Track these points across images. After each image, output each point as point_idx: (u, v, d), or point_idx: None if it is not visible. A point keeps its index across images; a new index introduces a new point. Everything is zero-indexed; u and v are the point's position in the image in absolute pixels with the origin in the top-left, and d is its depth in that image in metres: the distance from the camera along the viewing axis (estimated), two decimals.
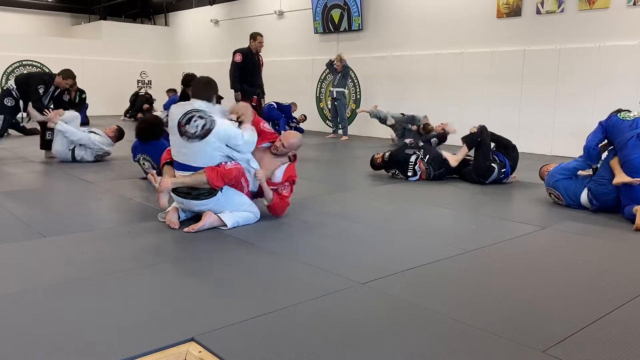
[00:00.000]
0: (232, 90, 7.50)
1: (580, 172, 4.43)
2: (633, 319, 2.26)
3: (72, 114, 6.45)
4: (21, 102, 6.68)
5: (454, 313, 2.27)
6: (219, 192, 3.48)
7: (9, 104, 6.61)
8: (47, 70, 13.58)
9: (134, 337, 2.01)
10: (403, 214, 4.29)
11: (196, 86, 3.70)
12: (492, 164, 5.28)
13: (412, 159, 5.50)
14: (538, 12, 7.89)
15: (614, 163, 4.08)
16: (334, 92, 9.78)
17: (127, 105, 13.72)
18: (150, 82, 15.31)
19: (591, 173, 4.38)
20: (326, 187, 5.33)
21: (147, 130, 5.06)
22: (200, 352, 1.92)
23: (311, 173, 5.93)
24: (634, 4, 6.97)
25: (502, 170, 5.32)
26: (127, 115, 13.15)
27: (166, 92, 13.04)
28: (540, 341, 2.02)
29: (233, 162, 3.56)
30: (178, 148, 3.56)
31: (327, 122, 10.95)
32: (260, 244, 3.27)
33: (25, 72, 11.99)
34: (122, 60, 14.80)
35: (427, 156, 5.51)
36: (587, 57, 7.40)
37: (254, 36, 7.66)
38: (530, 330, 2.12)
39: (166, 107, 12.14)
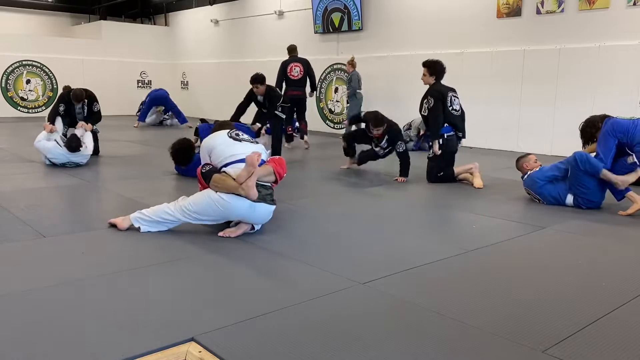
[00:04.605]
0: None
1: None
2: (633, 319, 2.26)
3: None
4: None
5: (454, 313, 2.27)
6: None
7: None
8: (50, 72, 13.64)
9: (133, 337, 2.01)
10: (403, 214, 4.30)
11: (220, 125, 4.27)
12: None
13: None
14: (538, 12, 7.89)
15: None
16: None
17: (127, 106, 13.73)
18: (150, 82, 15.30)
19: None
20: (326, 187, 5.33)
21: (183, 155, 5.36)
22: (200, 352, 1.92)
23: (311, 173, 5.94)
24: (634, 4, 6.97)
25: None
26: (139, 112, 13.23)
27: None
28: (540, 341, 2.03)
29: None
30: (227, 149, 3.58)
31: (328, 122, 10.95)
32: (260, 243, 3.27)
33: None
34: (122, 60, 14.79)
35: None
36: (587, 57, 7.39)
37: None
38: (530, 330, 2.12)
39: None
